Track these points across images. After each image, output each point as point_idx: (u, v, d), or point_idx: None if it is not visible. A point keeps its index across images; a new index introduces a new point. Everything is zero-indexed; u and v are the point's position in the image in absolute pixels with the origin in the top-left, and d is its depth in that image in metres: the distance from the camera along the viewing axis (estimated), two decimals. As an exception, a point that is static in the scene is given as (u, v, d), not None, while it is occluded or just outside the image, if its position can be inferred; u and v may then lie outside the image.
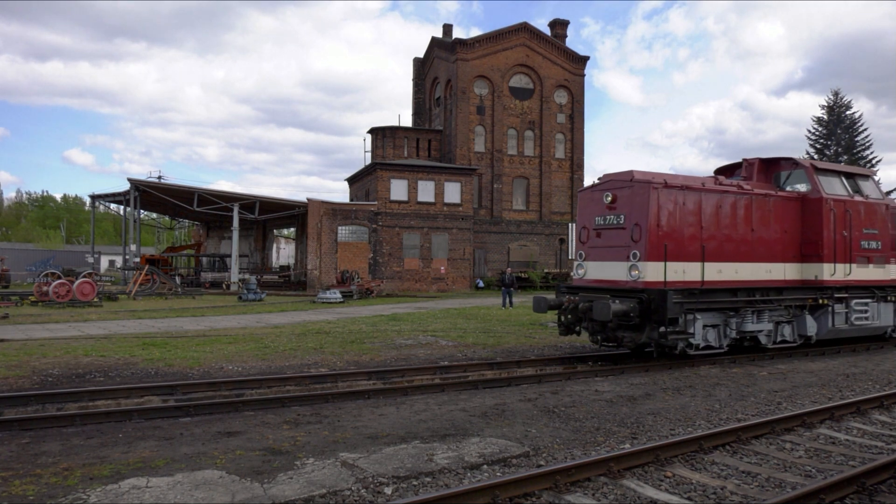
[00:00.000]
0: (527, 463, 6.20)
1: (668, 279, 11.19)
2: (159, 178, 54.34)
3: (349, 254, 38.33)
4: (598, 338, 12.42)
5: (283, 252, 74.96)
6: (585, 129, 51.71)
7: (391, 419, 7.76)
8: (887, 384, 10.42)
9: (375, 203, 39.16)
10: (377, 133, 49.71)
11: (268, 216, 45.14)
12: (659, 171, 13.52)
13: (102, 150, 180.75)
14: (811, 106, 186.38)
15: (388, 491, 5.37)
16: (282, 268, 57.91)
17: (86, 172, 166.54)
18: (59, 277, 30.78)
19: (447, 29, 54.79)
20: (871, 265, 14.04)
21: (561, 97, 49.98)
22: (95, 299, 26.47)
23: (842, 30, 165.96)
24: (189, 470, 5.78)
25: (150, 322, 19.34)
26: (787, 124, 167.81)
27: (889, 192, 56.96)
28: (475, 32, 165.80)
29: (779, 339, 12.99)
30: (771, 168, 14.22)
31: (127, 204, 42.93)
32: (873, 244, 14.10)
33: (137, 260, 40.77)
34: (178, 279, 40.64)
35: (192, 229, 65.60)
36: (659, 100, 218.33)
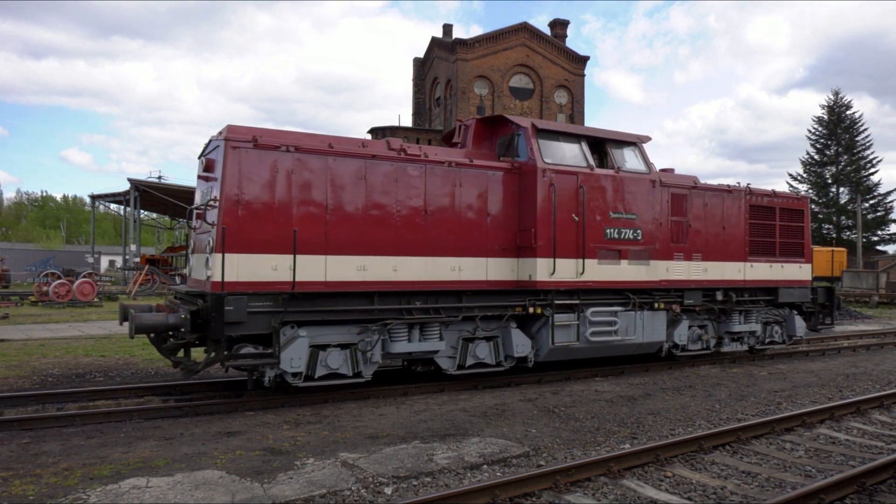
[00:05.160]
0: (527, 463, 6.20)
1: (247, 278, 7.98)
2: (159, 177, 54.33)
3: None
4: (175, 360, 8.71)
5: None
6: (585, 129, 51.71)
7: (391, 419, 7.76)
8: (887, 384, 10.42)
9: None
10: (377, 133, 49.72)
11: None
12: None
13: (100, 150, 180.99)
14: (813, 105, 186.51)
15: (388, 491, 5.37)
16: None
17: (83, 172, 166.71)
18: (59, 277, 30.78)
19: (447, 29, 54.87)
20: (624, 261, 10.46)
21: (561, 97, 50.03)
22: (95, 299, 26.47)
23: (845, 27, 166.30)
24: (189, 470, 5.78)
25: (150, 322, 19.31)
26: (789, 123, 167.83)
27: (889, 193, 57.00)
28: (475, 30, 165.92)
29: (470, 361, 9.46)
30: (496, 131, 10.70)
31: (127, 204, 42.94)
32: (629, 233, 10.51)
33: (137, 260, 40.77)
34: (178, 279, 40.62)
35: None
36: (660, 98, 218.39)
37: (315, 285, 8.37)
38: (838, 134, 58.23)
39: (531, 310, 9.77)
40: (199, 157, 9.37)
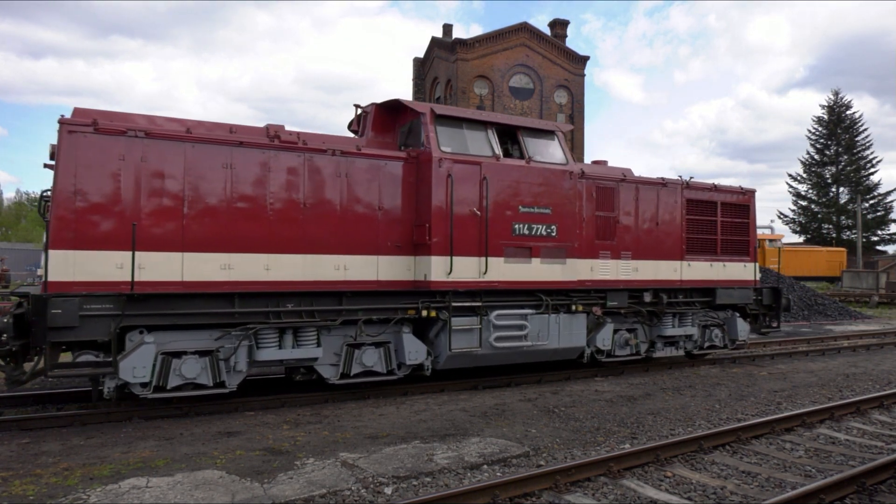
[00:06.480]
0: (527, 463, 6.20)
1: (83, 277, 7.20)
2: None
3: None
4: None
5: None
6: (586, 129, 51.76)
7: (391, 419, 7.76)
8: (887, 384, 10.43)
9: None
10: (377, 133, 49.74)
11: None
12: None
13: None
14: (813, 105, 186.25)
15: (388, 491, 5.38)
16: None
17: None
18: (59, 277, 30.73)
19: (447, 29, 54.85)
20: (536, 260, 9.58)
21: (561, 97, 50.04)
22: (95, 299, 26.46)
23: (845, 27, 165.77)
24: (189, 470, 5.78)
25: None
26: (790, 123, 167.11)
27: (889, 192, 57.01)
28: (476, 30, 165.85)
29: (356, 370, 8.71)
30: (398, 119, 9.91)
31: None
32: (541, 229, 9.60)
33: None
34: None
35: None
36: (660, 98, 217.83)
37: (169, 286, 7.58)
38: (838, 134, 58.23)
39: (424, 313, 8.99)
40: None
